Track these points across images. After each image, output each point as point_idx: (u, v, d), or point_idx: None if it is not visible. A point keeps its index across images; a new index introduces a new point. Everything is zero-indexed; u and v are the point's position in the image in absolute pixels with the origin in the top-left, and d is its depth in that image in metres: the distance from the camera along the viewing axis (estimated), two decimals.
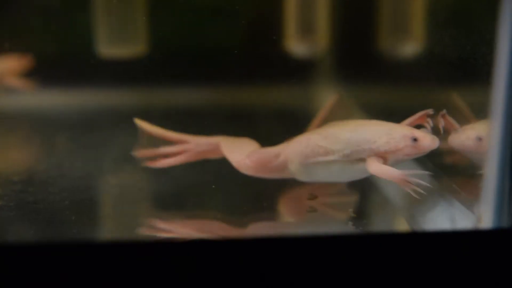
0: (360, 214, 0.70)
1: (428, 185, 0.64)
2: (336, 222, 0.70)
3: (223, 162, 0.80)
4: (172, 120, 1.09)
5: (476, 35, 0.68)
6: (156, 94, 1.15)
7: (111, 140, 0.97)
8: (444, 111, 0.68)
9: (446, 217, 0.64)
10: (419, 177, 0.65)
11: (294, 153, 0.70)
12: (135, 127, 1.05)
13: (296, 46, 1.13)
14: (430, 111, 0.68)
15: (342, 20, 1.10)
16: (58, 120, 1.07)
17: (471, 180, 0.65)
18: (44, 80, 1.12)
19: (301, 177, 0.71)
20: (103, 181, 0.82)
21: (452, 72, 0.76)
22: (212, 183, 0.80)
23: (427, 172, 0.67)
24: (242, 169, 0.73)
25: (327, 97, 1.12)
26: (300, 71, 1.15)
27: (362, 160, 0.66)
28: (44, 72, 1.12)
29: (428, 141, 0.65)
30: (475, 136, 0.65)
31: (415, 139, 0.65)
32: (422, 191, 0.63)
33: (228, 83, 1.15)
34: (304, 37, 1.13)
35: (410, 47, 0.96)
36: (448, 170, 0.71)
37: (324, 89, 1.14)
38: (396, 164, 0.66)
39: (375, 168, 0.65)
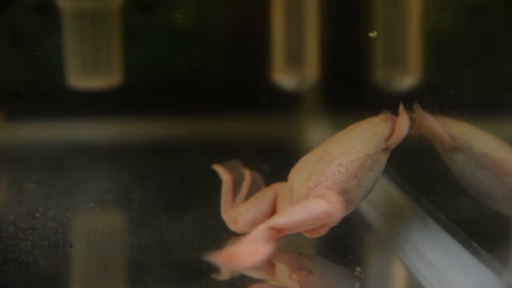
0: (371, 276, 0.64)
1: None
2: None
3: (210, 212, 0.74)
4: (149, 155, 1.03)
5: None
6: (132, 127, 1.09)
7: (86, 182, 0.89)
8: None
9: (472, 284, 0.58)
10: None
11: (342, 184, 0.66)
12: (110, 165, 0.99)
13: (283, 77, 1.07)
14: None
15: (332, 51, 1.04)
16: (26, 159, 0.99)
17: (497, 239, 0.59)
18: (11, 114, 1.05)
19: (356, 202, 0.67)
20: (80, 235, 0.74)
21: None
22: (197, 236, 0.73)
23: None
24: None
25: (315, 129, 1.07)
26: (287, 103, 1.09)
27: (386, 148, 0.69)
28: (11, 105, 1.05)
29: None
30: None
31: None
32: None
33: (209, 114, 1.09)
34: (292, 68, 1.06)
35: (407, 80, 0.90)
36: (468, 227, 0.65)
37: (312, 122, 1.08)
38: None
39: (397, 139, 0.70)
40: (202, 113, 1.08)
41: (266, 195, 0.72)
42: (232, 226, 0.72)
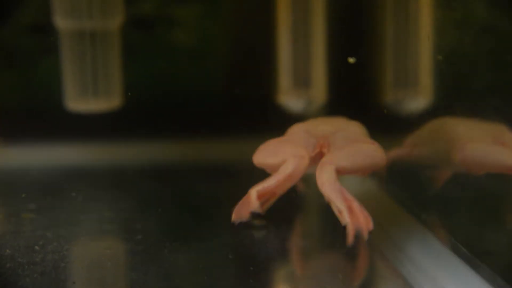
0: None
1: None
2: None
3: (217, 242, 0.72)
4: (151, 179, 1.00)
5: None
6: (131, 150, 1.06)
7: (86, 211, 0.86)
8: None
9: None
10: None
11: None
12: (111, 192, 0.95)
13: (289, 99, 1.04)
14: None
15: (340, 73, 1.01)
16: (24, 184, 0.96)
17: None
18: (8, 137, 1.01)
19: None
20: (82, 270, 0.70)
21: None
22: (205, 270, 0.69)
23: None
24: None
25: None
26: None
27: None
28: (6, 129, 1.01)
29: None
30: None
31: None
32: None
33: (213, 136, 1.06)
34: (298, 90, 1.03)
35: (418, 103, 0.87)
36: (492, 261, 0.62)
37: None
38: None
39: None
40: (205, 135, 1.05)
41: None
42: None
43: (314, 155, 0.70)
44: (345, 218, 0.62)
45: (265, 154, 0.70)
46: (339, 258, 0.72)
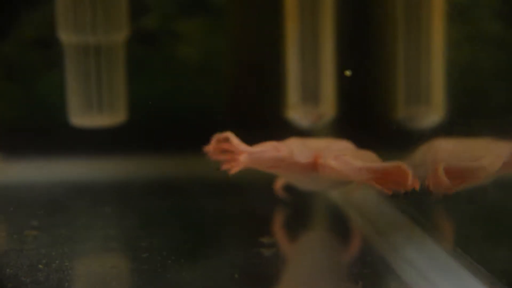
0: None
1: None
2: None
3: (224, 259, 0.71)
4: (156, 195, 0.99)
5: None
6: (136, 165, 1.05)
7: (91, 228, 0.84)
8: None
9: None
10: None
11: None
12: (115, 208, 0.94)
13: (297, 114, 1.03)
14: None
15: (350, 88, 1.00)
16: (26, 201, 0.94)
17: None
18: (9, 153, 1.00)
19: None
20: None
21: None
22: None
23: None
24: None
25: None
26: None
27: None
28: (9, 143, 1.00)
29: None
30: None
31: None
32: None
33: None
34: (307, 105, 1.02)
35: (430, 119, 0.86)
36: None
37: None
38: None
39: None
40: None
41: None
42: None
43: (308, 163, 0.69)
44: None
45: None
46: (351, 276, 0.71)
